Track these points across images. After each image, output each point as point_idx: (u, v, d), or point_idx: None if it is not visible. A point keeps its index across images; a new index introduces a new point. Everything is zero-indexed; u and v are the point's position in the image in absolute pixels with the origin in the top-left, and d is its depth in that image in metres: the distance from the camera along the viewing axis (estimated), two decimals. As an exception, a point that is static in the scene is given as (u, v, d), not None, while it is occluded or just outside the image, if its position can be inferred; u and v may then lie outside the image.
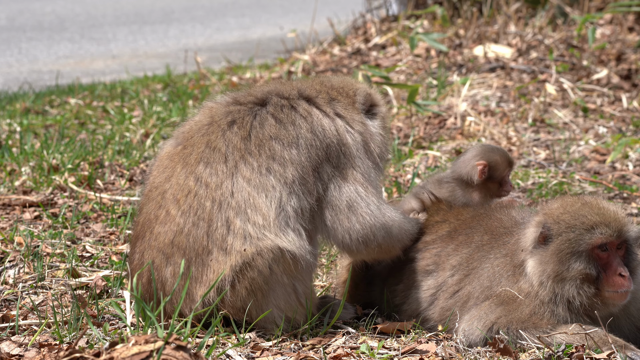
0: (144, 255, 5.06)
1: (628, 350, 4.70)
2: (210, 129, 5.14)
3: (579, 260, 4.81)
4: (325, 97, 5.30)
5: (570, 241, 4.82)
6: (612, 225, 4.82)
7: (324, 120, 5.19)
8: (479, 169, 5.55)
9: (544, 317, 4.84)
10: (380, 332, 5.14)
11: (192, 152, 5.10)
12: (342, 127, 5.23)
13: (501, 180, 5.61)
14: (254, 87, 5.40)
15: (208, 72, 13.02)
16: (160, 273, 5.00)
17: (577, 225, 4.83)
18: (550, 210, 4.94)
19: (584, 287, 4.81)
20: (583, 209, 4.87)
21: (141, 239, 5.09)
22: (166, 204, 5.04)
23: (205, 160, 5.04)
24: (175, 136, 5.25)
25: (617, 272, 4.79)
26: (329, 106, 5.27)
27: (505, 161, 5.60)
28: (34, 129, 9.74)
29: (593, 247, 4.82)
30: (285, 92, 5.26)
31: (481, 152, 5.63)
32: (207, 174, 5.00)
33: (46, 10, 23.15)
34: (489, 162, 5.57)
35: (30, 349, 4.74)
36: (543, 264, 4.85)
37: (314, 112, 5.21)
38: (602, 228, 4.80)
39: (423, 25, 12.71)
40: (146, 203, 5.14)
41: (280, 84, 5.34)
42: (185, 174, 5.05)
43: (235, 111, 5.17)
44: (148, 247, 5.04)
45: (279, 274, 4.95)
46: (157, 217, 5.04)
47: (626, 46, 11.75)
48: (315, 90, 5.32)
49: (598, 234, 4.80)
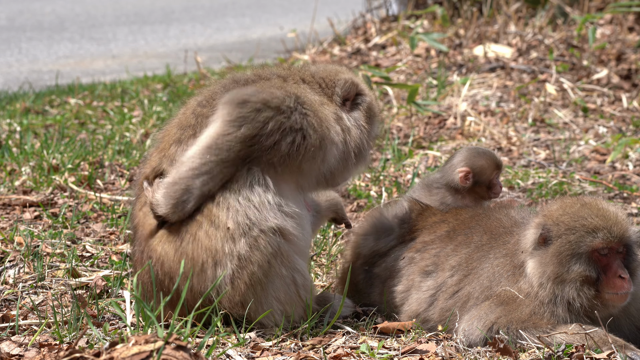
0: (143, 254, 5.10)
1: (628, 350, 4.70)
2: (181, 112, 5.25)
3: (579, 262, 4.81)
4: (295, 79, 5.24)
5: (570, 243, 4.82)
6: (613, 229, 4.81)
7: (277, 92, 5.10)
8: (460, 175, 5.51)
9: (544, 317, 4.84)
10: (380, 332, 5.14)
11: (165, 137, 5.21)
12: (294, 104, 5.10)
13: (489, 183, 5.55)
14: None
15: (208, 72, 13.02)
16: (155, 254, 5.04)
17: (577, 227, 4.83)
18: (549, 211, 4.93)
19: (584, 289, 4.80)
20: (583, 211, 4.86)
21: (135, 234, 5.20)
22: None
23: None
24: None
25: (617, 274, 4.79)
26: (297, 86, 5.19)
27: (491, 165, 5.52)
28: (34, 129, 9.74)
29: (593, 249, 4.81)
30: (263, 74, 5.25)
31: (465, 157, 5.55)
32: (180, 152, 5.07)
33: (46, 10, 23.14)
34: (472, 167, 5.50)
35: (30, 349, 4.74)
36: (543, 266, 4.85)
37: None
38: (604, 232, 4.79)
39: (423, 25, 12.71)
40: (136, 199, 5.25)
41: (261, 69, 5.34)
42: (158, 158, 5.14)
43: (206, 92, 5.25)
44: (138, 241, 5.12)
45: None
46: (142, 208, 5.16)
47: (626, 46, 11.75)
48: (288, 72, 5.27)
49: (599, 238, 4.79)
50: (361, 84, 5.35)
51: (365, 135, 5.28)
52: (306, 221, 5.19)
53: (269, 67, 5.40)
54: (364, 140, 5.28)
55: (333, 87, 5.28)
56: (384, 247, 5.46)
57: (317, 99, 5.18)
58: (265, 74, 5.25)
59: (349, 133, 5.22)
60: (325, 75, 5.32)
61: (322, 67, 5.38)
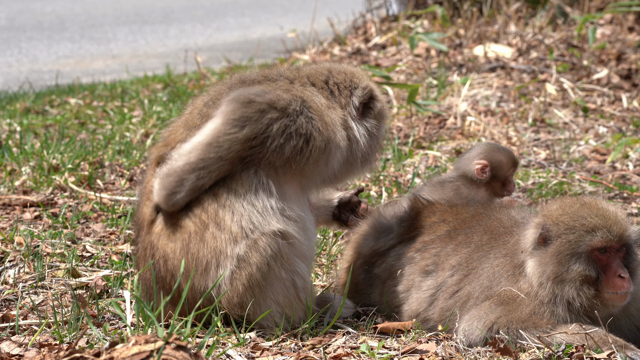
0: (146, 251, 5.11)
1: (628, 350, 4.70)
2: (188, 111, 5.24)
3: (579, 262, 4.81)
4: (303, 81, 5.21)
5: (570, 243, 4.82)
6: (613, 229, 4.81)
7: (283, 95, 5.06)
8: (477, 167, 5.55)
9: (544, 317, 4.84)
10: (380, 332, 5.13)
11: (171, 135, 5.20)
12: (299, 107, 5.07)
13: (505, 180, 5.61)
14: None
15: (208, 72, 13.02)
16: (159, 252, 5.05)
17: (577, 227, 4.83)
18: (549, 211, 4.93)
19: (584, 289, 4.80)
20: (582, 210, 4.86)
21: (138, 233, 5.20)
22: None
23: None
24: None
25: (616, 273, 4.79)
26: (303, 89, 5.15)
27: (509, 161, 5.59)
28: (34, 129, 9.74)
29: (593, 249, 4.81)
30: (270, 75, 5.23)
31: (485, 150, 5.61)
32: None
33: (46, 10, 23.14)
34: (491, 161, 5.56)
35: (30, 349, 4.74)
36: (542, 265, 4.85)
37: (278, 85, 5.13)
38: (603, 231, 4.80)
39: (423, 25, 12.71)
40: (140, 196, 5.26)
41: (268, 69, 5.31)
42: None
43: (213, 92, 5.24)
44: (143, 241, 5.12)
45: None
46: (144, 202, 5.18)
47: (626, 46, 11.75)
48: (296, 74, 5.23)
49: (599, 237, 4.80)
50: (376, 89, 5.32)
51: (375, 139, 5.28)
52: (309, 223, 5.18)
53: (277, 67, 5.36)
54: (373, 144, 5.27)
55: (349, 95, 5.22)
56: (384, 246, 5.46)
57: (324, 103, 5.15)
58: (272, 75, 5.22)
59: (356, 137, 5.20)
60: (341, 80, 5.26)
61: (336, 70, 5.30)
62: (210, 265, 4.95)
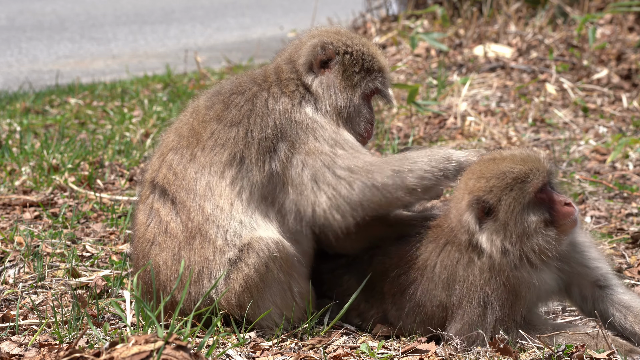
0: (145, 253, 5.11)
1: (632, 352, 4.70)
2: (179, 119, 5.30)
3: (531, 212, 4.82)
4: (274, 78, 5.24)
5: (514, 199, 4.82)
6: (538, 166, 4.87)
7: (269, 102, 5.13)
8: None
9: (508, 286, 4.84)
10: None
11: (164, 140, 5.26)
12: (289, 106, 5.13)
13: None
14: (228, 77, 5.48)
15: (208, 72, 13.02)
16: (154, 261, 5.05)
17: (510, 182, 4.84)
18: (472, 187, 4.89)
19: (547, 232, 4.81)
20: (502, 166, 4.86)
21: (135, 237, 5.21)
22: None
23: (174, 148, 5.13)
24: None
25: (562, 202, 4.84)
26: (277, 87, 5.20)
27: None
28: (34, 129, 9.74)
29: (535, 193, 4.83)
30: (241, 87, 5.27)
31: None
32: (177, 161, 5.09)
33: (46, 10, 23.15)
34: None
35: (30, 349, 4.74)
36: (498, 233, 4.83)
37: (260, 95, 5.17)
38: (534, 173, 4.84)
39: (423, 25, 12.71)
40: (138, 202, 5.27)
41: (243, 76, 5.36)
42: (158, 162, 5.17)
43: (196, 104, 5.29)
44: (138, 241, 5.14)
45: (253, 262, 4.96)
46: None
47: (626, 46, 11.76)
48: (266, 74, 5.27)
49: (535, 180, 4.83)
50: (328, 45, 5.25)
51: (348, 98, 5.22)
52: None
53: (252, 72, 5.39)
54: (347, 103, 5.22)
55: (298, 76, 5.25)
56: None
57: (286, 100, 5.18)
58: (243, 86, 5.23)
59: (325, 98, 5.18)
60: (292, 56, 5.31)
61: (293, 50, 5.34)
62: (203, 273, 4.98)
